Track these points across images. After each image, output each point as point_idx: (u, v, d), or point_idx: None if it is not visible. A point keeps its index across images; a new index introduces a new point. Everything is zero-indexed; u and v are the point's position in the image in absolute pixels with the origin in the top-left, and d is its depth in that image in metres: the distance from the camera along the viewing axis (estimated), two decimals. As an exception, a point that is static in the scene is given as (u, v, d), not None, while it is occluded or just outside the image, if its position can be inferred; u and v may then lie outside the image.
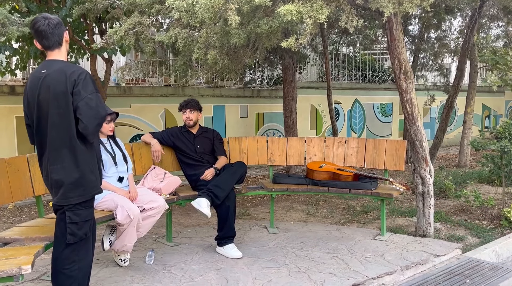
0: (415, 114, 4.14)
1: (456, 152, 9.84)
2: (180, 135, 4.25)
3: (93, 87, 2.50)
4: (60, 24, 2.53)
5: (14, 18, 4.26)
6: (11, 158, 3.17)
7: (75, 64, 2.63)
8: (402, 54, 4.04)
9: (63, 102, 2.43)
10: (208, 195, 3.70)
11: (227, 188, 3.80)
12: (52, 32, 2.49)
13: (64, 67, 2.48)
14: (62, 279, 2.57)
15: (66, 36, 2.57)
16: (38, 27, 2.48)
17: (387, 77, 10.75)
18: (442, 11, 5.82)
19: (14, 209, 5.75)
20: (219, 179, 3.88)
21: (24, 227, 3.09)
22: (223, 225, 3.81)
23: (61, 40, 2.54)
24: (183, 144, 4.21)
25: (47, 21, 2.48)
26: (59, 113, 2.44)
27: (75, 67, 2.53)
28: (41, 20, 2.49)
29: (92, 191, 2.59)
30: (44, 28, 2.48)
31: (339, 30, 7.51)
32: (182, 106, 4.24)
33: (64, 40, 2.56)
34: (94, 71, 6.06)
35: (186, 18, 3.03)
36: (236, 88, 8.69)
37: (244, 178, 4.10)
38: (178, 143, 4.22)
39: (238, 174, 4.00)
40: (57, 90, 2.43)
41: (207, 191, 3.73)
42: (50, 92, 2.43)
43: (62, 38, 2.54)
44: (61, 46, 2.55)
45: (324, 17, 2.52)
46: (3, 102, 6.48)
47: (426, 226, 4.25)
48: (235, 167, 4.06)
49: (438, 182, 5.79)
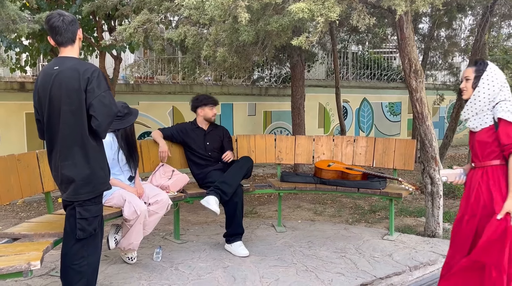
0: (424, 113, 4.11)
1: (466, 152, 9.76)
2: (190, 132, 4.23)
3: (106, 85, 2.53)
4: (74, 21, 2.55)
5: (25, 15, 4.29)
6: (21, 154, 3.18)
7: (87, 62, 2.64)
8: (412, 53, 4.00)
9: (76, 99, 2.45)
10: (216, 192, 3.70)
11: (234, 184, 3.80)
12: (66, 28, 2.50)
13: (77, 65, 2.49)
14: (71, 274, 2.58)
15: (80, 34, 2.59)
16: (53, 23, 2.50)
17: (396, 75, 10.67)
18: (454, 9, 5.75)
19: (23, 204, 5.79)
20: (226, 175, 3.86)
21: (33, 223, 3.10)
22: (231, 222, 3.81)
23: (74, 37, 2.55)
24: (192, 141, 4.19)
25: (62, 17, 2.50)
26: (71, 110, 2.46)
27: (88, 64, 2.54)
28: (56, 16, 2.51)
29: (101, 187, 2.61)
30: (59, 24, 2.49)
31: (348, 28, 7.46)
32: (213, 102, 4.21)
33: (78, 37, 2.58)
34: (103, 68, 6.08)
35: (195, 15, 3.02)
36: (244, 86, 8.68)
37: (251, 173, 4.07)
38: (188, 139, 4.20)
39: (245, 168, 3.96)
40: (70, 87, 2.44)
41: (215, 188, 3.73)
42: (62, 89, 2.45)
43: (76, 35, 2.56)
44: (74, 43, 2.56)
45: (335, 15, 2.50)
46: (13, 99, 6.52)
47: (435, 226, 4.22)
48: (242, 162, 4.03)
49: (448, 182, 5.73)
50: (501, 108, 2.50)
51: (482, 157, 2.58)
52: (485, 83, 2.58)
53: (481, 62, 2.66)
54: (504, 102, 2.53)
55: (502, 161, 2.52)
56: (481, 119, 2.60)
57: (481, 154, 2.58)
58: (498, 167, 2.53)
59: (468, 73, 2.65)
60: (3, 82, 6.30)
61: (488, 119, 2.56)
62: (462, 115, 2.73)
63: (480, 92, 2.58)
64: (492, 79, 2.58)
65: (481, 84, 2.58)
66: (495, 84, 2.57)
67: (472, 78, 2.62)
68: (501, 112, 2.49)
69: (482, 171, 2.58)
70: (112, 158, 3.35)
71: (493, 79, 2.58)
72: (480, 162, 2.59)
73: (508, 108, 2.49)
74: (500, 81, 2.58)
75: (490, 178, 2.54)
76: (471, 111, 2.63)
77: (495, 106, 2.54)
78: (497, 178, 2.52)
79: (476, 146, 2.59)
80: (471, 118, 2.65)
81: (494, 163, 2.54)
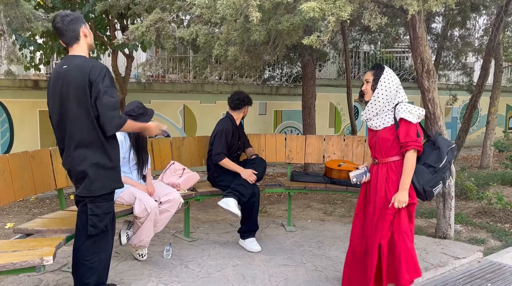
0: (437, 113, 4.07)
1: (479, 153, 9.64)
2: (234, 134, 4.06)
3: (109, 82, 2.53)
4: (75, 19, 2.55)
5: (39, 13, 4.34)
6: (35, 151, 3.23)
7: (94, 59, 2.66)
8: (425, 53, 3.96)
9: (83, 97, 2.48)
10: (234, 194, 3.72)
11: (251, 185, 3.82)
12: (67, 28, 2.53)
13: (84, 63, 2.52)
14: (83, 270, 2.62)
15: (84, 31, 2.58)
16: (55, 25, 2.55)
17: (408, 75, 10.58)
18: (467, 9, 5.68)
19: (36, 201, 5.88)
20: (242, 177, 3.87)
21: (46, 219, 3.15)
22: (247, 219, 3.88)
23: (77, 35, 2.56)
24: (233, 141, 4.06)
25: (63, 18, 2.53)
26: (79, 107, 2.50)
27: (94, 62, 2.56)
28: (57, 18, 2.55)
29: (113, 184, 2.63)
30: (59, 26, 2.54)
31: (360, 27, 7.42)
32: (247, 102, 4.10)
33: (82, 35, 2.58)
34: (115, 67, 6.14)
35: (207, 14, 3.03)
36: (255, 85, 8.68)
37: (263, 176, 4.09)
38: (232, 142, 4.05)
39: (260, 171, 3.97)
40: (77, 85, 2.48)
41: (232, 190, 3.75)
42: (70, 87, 2.49)
43: (78, 33, 2.56)
44: (79, 40, 2.58)
45: (347, 14, 2.49)
46: (27, 96, 6.62)
47: (447, 227, 4.18)
48: (256, 164, 4.03)
49: (460, 184, 5.67)
50: (402, 109, 2.76)
51: (385, 154, 2.83)
52: (383, 85, 2.82)
53: (378, 66, 2.89)
54: (403, 104, 2.80)
55: (402, 157, 2.79)
56: (382, 118, 2.84)
57: (384, 151, 2.84)
58: (399, 163, 2.80)
59: (367, 76, 2.90)
60: (17, 80, 6.39)
61: (389, 119, 2.82)
62: (363, 115, 2.97)
63: (379, 93, 2.83)
64: (388, 81, 2.82)
65: (379, 86, 2.83)
66: (391, 86, 2.82)
67: (371, 81, 2.87)
68: (402, 113, 2.75)
69: (386, 166, 2.83)
70: (122, 157, 3.39)
71: (389, 81, 2.83)
72: (384, 158, 2.84)
73: (408, 109, 2.76)
74: (396, 83, 2.84)
75: (395, 173, 2.80)
76: (372, 111, 2.88)
77: (396, 107, 2.81)
78: (399, 173, 2.78)
79: (380, 143, 2.84)
80: (373, 118, 2.89)
81: (395, 159, 2.81)
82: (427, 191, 2.80)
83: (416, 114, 2.76)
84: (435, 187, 2.82)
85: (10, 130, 6.54)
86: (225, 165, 3.93)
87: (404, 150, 2.76)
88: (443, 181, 2.85)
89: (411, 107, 2.77)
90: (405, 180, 2.73)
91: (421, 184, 2.78)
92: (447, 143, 2.93)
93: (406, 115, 2.73)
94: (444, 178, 2.86)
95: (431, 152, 2.89)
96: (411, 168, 2.73)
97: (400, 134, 2.76)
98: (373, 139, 2.91)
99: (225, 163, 3.92)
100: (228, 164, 3.93)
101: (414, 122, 2.75)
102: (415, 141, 2.74)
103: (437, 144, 2.91)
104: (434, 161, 2.85)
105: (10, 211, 5.39)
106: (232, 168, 3.91)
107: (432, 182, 2.81)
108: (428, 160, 2.86)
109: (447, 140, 3.01)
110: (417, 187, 2.78)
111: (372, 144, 2.94)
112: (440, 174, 2.83)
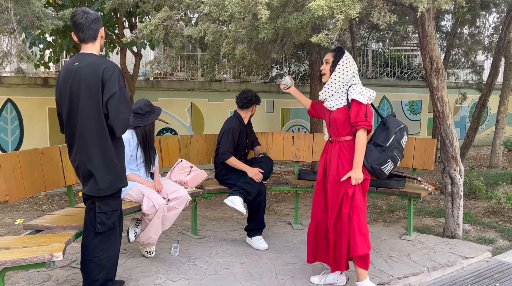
0: (446, 112, 4.04)
1: (488, 152, 9.56)
2: (241, 131, 4.06)
3: (123, 83, 2.57)
4: (97, 19, 2.61)
5: (49, 11, 4.38)
6: (45, 148, 3.26)
7: (106, 59, 2.69)
8: (434, 51, 3.94)
9: (94, 95, 2.49)
10: (240, 192, 3.73)
11: (257, 184, 3.83)
12: (89, 26, 2.57)
13: (96, 61, 2.54)
14: (92, 267, 2.64)
15: (102, 32, 2.64)
16: (76, 19, 2.57)
17: (417, 74, 10.51)
18: (477, 7, 5.63)
19: (45, 197, 5.93)
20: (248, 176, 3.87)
21: (56, 215, 3.18)
22: (254, 218, 3.90)
23: (96, 35, 2.61)
24: (241, 140, 4.07)
25: (86, 15, 2.57)
26: (89, 106, 2.51)
27: (106, 61, 2.58)
28: (80, 13, 2.58)
29: (118, 184, 2.65)
30: (82, 21, 2.56)
31: (369, 25, 7.38)
32: (256, 101, 4.10)
33: (99, 35, 2.63)
34: (123, 65, 6.17)
35: (215, 12, 3.04)
36: (262, 83, 8.68)
37: (270, 174, 4.10)
38: (239, 141, 4.06)
39: (266, 170, 3.99)
40: (88, 83, 2.49)
41: (238, 189, 3.75)
42: (81, 85, 2.50)
43: (97, 33, 2.61)
44: (95, 40, 2.62)
45: (356, 12, 2.48)
46: (36, 94, 6.68)
47: (455, 227, 4.16)
48: (263, 162, 4.05)
49: (468, 183, 5.64)
50: (354, 91, 2.92)
51: (339, 133, 2.99)
52: (341, 68, 2.97)
53: (339, 49, 3.03)
54: (356, 85, 2.95)
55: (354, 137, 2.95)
56: (336, 99, 2.99)
57: (337, 130, 2.99)
58: (351, 142, 2.96)
59: (328, 57, 3.04)
60: (27, 77, 6.45)
61: (342, 100, 2.97)
62: (320, 95, 3.11)
63: (336, 76, 2.97)
64: (346, 65, 2.97)
65: (337, 69, 2.97)
66: (349, 70, 2.97)
67: (330, 62, 3.01)
68: (353, 94, 2.91)
69: (339, 144, 2.99)
70: (130, 155, 3.41)
71: (347, 65, 2.97)
72: (337, 137, 3.01)
73: (359, 91, 2.91)
74: (353, 69, 2.99)
75: (345, 151, 2.96)
76: (328, 92, 3.03)
77: (349, 89, 2.95)
78: (351, 151, 2.94)
79: (333, 123, 3.01)
80: (328, 99, 3.04)
81: (348, 138, 2.97)
82: (375, 168, 2.95)
83: (367, 95, 2.91)
84: (383, 165, 2.97)
85: (20, 128, 6.61)
86: (232, 164, 3.94)
87: (354, 130, 2.92)
88: (392, 159, 3.00)
89: (362, 89, 2.93)
90: (357, 158, 2.89)
91: (369, 162, 2.94)
92: (396, 123, 3.09)
93: (357, 96, 2.89)
94: (393, 157, 3.00)
95: (380, 133, 3.08)
96: (362, 146, 2.89)
97: (351, 114, 2.91)
98: (327, 118, 3.08)
99: (232, 162, 3.93)
100: (235, 163, 3.93)
101: (365, 103, 2.90)
102: (365, 121, 2.88)
103: (387, 124, 3.08)
104: (382, 140, 3.03)
105: (20, 207, 5.45)
106: (238, 166, 3.91)
107: (379, 160, 2.96)
108: (377, 140, 3.05)
109: (397, 120, 3.15)
110: (366, 165, 2.94)
111: (327, 123, 3.11)
112: (388, 152, 2.99)
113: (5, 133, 6.53)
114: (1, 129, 6.49)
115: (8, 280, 3.12)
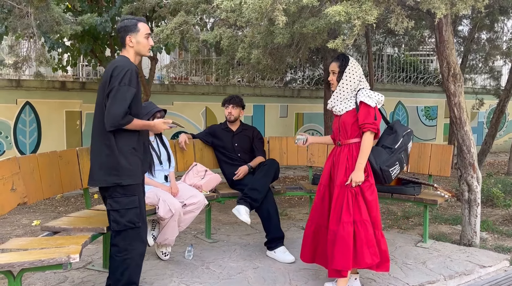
0: (463, 118, 3.99)
1: (506, 159, 9.39)
2: (219, 133, 4.26)
3: (127, 81, 2.56)
4: (121, 29, 2.73)
5: (68, 17, 4.46)
6: (62, 151, 3.32)
7: (128, 60, 2.70)
8: (451, 56, 3.89)
9: (103, 91, 2.63)
10: (245, 201, 3.65)
11: (263, 189, 3.75)
12: (118, 34, 2.77)
13: (115, 61, 2.70)
14: (115, 265, 2.69)
15: (129, 41, 2.71)
16: (118, 27, 2.78)
17: (433, 79, 10.40)
18: (496, 12, 5.56)
19: (62, 199, 6.01)
20: (254, 181, 3.80)
21: (73, 217, 3.22)
22: (268, 227, 3.74)
23: (123, 42, 2.74)
24: (221, 142, 4.23)
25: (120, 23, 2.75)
26: (99, 102, 2.66)
27: (122, 61, 2.65)
28: (120, 20, 2.79)
29: (113, 179, 2.61)
30: (118, 29, 2.76)
31: (384, 30, 7.34)
32: (226, 101, 4.26)
33: (127, 44, 2.72)
34: (139, 69, 6.23)
35: (232, 18, 3.06)
36: (277, 88, 8.68)
37: (278, 175, 4.00)
38: (217, 141, 4.25)
39: (272, 172, 3.90)
40: (103, 80, 2.65)
41: (244, 197, 3.69)
42: (101, 83, 2.67)
43: (124, 41, 2.73)
44: (125, 47, 2.75)
45: (373, 18, 2.47)
46: (54, 97, 6.79)
47: (472, 235, 4.09)
48: (267, 165, 3.95)
49: (486, 190, 5.54)
50: (363, 94, 2.97)
51: (347, 136, 3.03)
52: (347, 76, 3.02)
53: (343, 58, 3.06)
54: (364, 90, 3.01)
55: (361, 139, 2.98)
56: (345, 103, 3.04)
57: (346, 133, 3.03)
58: (359, 144, 2.98)
59: (333, 67, 3.07)
60: (45, 81, 6.56)
61: (351, 103, 3.02)
62: (329, 103, 3.16)
63: (344, 84, 3.03)
64: (353, 72, 3.02)
65: (344, 77, 3.02)
66: (356, 76, 3.03)
67: (337, 72, 3.05)
68: (362, 97, 2.96)
69: (348, 147, 3.02)
70: None
71: (354, 72, 3.02)
72: (346, 140, 3.04)
73: (368, 94, 2.97)
74: (359, 74, 3.05)
75: (355, 154, 2.97)
76: (337, 100, 3.09)
77: (358, 93, 3.01)
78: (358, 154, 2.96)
79: (342, 127, 3.05)
80: (337, 105, 3.08)
81: (356, 141, 3.00)
82: (383, 170, 2.99)
83: (375, 99, 2.97)
84: (391, 167, 3.02)
85: (37, 130, 6.72)
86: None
87: (361, 132, 2.97)
88: (400, 162, 3.06)
89: (371, 92, 2.98)
90: (360, 160, 2.92)
91: (378, 164, 2.99)
92: (403, 128, 3.18)
93: (365, 99, 2.95)
94: (400, 159, 3.06)
95: (388, 136, 3.14)
96: (367, 148, 2.93)
97: (359, 116, 2.96)
98: (337, 124, 3.11)
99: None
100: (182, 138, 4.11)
101: (373, 106, 2.95)
102: (372, 124, 2.93)
103: (394, 128, 3.16)
104: (391, 143, 3.09)
105: (37, 209, 5.53)
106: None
107: (388, 161, 3.01)
108: (385, 142, 3.11)
109: (404, 125, 3.24)
110: (374, 166, 2.98)
111: (336, 128, 3.13)
112: (397, 154, 3.05)
113: (24, 135, 6.65)
114: (20, 131, 6.61)
115: (25, 281, 3.17)
